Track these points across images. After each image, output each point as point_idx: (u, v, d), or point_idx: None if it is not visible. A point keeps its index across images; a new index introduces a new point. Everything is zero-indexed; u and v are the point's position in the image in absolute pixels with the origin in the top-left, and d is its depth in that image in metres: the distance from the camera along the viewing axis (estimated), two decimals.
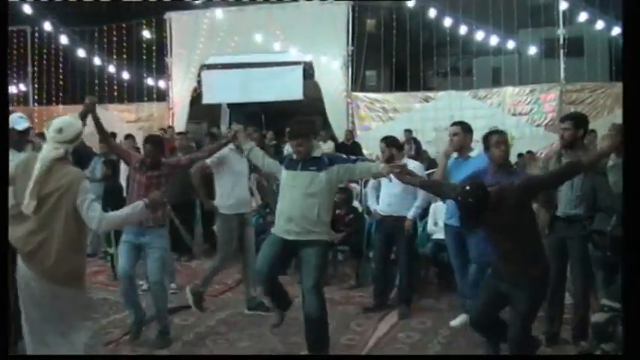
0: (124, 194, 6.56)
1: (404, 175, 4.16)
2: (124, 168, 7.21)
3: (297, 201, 4.22)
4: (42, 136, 9.78)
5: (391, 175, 4.19)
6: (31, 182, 3.07)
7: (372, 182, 5.88)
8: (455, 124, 5.00)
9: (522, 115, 12.48)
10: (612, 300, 3.47)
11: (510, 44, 13.54)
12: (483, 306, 3.73)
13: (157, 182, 4.79)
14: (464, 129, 4.90)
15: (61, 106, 15.69)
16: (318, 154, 4.34)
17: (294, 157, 4.38)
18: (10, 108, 15.65)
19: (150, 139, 5.13)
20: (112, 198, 6.73)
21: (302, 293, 4.27)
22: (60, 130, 3.20)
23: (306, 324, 4.28)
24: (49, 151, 3.16)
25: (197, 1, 13.50)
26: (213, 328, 5.12)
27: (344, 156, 4.54)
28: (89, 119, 5.03)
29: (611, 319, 3.42)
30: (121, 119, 14.85)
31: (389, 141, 5.46)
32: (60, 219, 3.09)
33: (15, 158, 4.36)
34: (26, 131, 4.70)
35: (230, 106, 18.01)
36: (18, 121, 4.62)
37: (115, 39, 14.72)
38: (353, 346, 4.67)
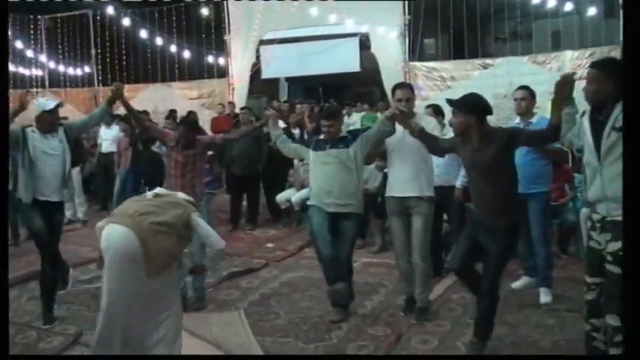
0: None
1: (404, 117, 4.25)
2: None
3: (334, 175, 4.56)
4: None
5: None
6: None
7: None
8: (522, 88, 5.02)
9: (582, 80, 12.11)
10: None
11: (569, 5, 13.16)
12: (463, 254, 3.93)
13: (193, 160, 5.10)
14: (531, 94, 4.95)
15: (126, 86, 16.28)
16: (343, 134, 4.72)
17: (324, 137, 4.71)
18: (78, 89, 16.34)
19: (183, 122, 5.45)
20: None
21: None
22: None
23: (333, 286, 4.48)
24: None
25: None
26: (276, 290, 5.44)
27: (363, 129, 4.85)
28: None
29: None
30: (184, 96, 15.33)
31: (435, 108, 5.60)
32: (174, 214, 3.52)
33: (48, 140, 4.73)
34: (54, 111, 4.82)
35: (288, 79, 18.36)
36: (46, 103, 4.81)
37: (174, 19, 15.11)
38: None
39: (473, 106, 3.75)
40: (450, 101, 3.87)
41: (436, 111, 5.67)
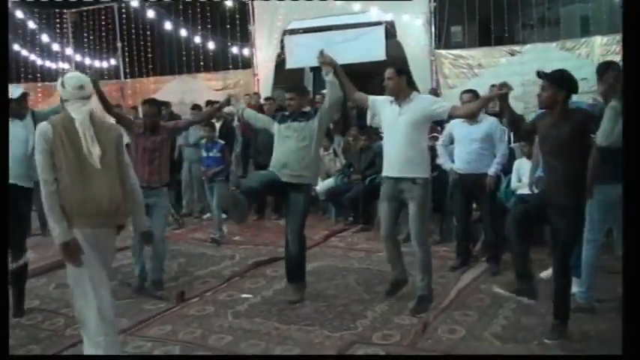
0: None
1: (330, 62, 4.97)
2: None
3: (291, 148, 4.81)
4: (135, 109, 10.40)
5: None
6: (86, 137, 3.18)
7: (441, 140, 5.96)
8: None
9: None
10: None
11: None
12: (515, 214, 4.17)
13: (160, 146, 5.24)
14: None
15: (152, 78, 16.41)
16: (306, 110, 5.00)
17: (287, 110, 5.01)
18: (105, 82, 16.54)
19: (147, 101, 5.59)
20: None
21: (286, 233, 4.98)
22: (82, 87, 3.29)
23: (286, 258, 4.99)
24: (80, 107, 3.24)
25: None
26: None
27: None
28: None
29: None
30: (209, 87, 15.36)
31: (474, 94, 5.56)
32: (117, 167, 3.31)
33: (16, 126, 4.78)
34: (22, 99, 4.95)
35: (313, 69, 18.25)
36: (13, 91, 4.89)
37: (199, 10, 15.14)
38: (436, 296, 4.80)
39: (564, 81, 3.77)
40: (541, 74, 3.85)
41: (476, 96, 5.59)
